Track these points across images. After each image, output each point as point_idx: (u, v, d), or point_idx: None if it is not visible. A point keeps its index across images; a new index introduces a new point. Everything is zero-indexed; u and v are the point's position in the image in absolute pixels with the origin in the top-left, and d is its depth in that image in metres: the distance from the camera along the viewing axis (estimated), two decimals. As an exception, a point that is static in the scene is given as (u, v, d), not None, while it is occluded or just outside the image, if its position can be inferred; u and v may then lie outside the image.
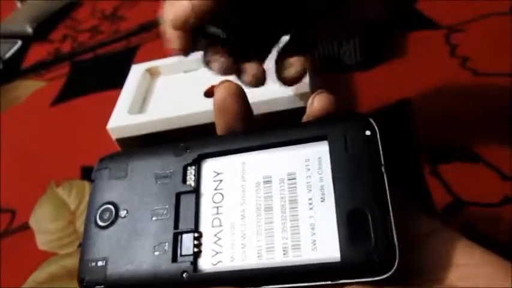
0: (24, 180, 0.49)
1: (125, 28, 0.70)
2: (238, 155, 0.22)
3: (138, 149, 0.24)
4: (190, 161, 0.22)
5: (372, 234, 0.18)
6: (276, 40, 0.28)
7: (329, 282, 0.18)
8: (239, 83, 0.23)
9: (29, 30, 0.76)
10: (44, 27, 0.77)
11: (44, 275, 0.38)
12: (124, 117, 0.39)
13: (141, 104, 0.42)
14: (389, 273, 0.17)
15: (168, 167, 0.22)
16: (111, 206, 0.22)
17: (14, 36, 0.77)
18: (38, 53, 0.73)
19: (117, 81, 0.47)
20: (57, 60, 0.69)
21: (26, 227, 0.43)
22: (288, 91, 0.36)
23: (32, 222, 0.43)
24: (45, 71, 0.67)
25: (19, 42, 0.76)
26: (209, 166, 0.22)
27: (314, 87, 0.36)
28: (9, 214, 0.45)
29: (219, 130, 0.23)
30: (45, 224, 0.42)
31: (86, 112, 0.56)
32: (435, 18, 0.50)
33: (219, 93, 0.22)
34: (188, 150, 0.22)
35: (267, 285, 0.19)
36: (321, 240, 0.19)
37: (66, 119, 0.56)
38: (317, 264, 0.18)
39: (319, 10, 0.26)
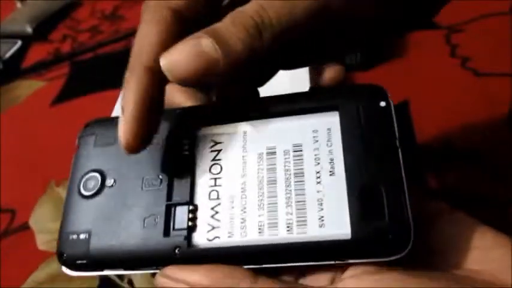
0: (24, 180, 0.49)
1: (125, 28, 0.70)
2: (240, 123, 0.20)
3: None
4: (186, 128, 0.20)
5: (386, 211, 0.16)
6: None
7: (338, 262, 0.17)
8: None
9: (29, 30, 0.76)
10: (44, 27, 0.77)
11: (44, 275, 0.38)
12: (124, 117, 0.39)
13: (141, 104, 0.42)
14: (404, 253, 0.16)
15: (162, 134, 0.20)
16: (97, 174, 0.20)
17: (14, 36, 0.77)
18: (38, 53, 0.73)
19: (117, 81, 0.47)
20: (57, 60, 0.69)
21: (26, 227, 0.43)
22: (288, 91, 0.36)
23: (32, 222, 0.43)
24: (45, 71, 0.67)
25: (19, 42, 0.76)
26: (207, 134, 0.20)
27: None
28: (9, 214, 0.45)
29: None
30: (45, 224, 0.42)
31: (86, 112, 0.56)
32: (435, 18, 0.49)
33: None
34: (184, 117, 0.20)
35: (269, 263, 0.17)
36: (329, 216, 0.17)
37: (66, 119, 0.56)
38: (325, 241, 0.17)
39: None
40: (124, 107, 0.19)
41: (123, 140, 0.18)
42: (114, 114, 0.40)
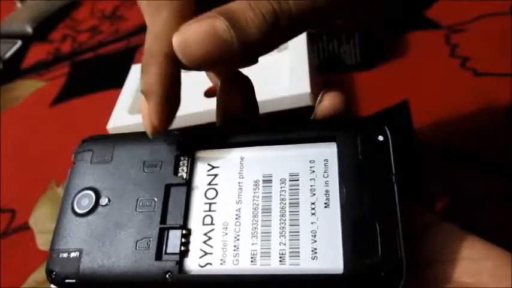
0: (24, 180, 0.49)
1: (125, 28, 0.70)
2: (238, 149, 0.20)
3: (127, 133, 0.22)
4: (183, 150, 0.20)
5: (379, 247, 0.16)
6: None
7: None
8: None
9: (29, 30, 0.76)
10: (44, 27, 0.77)
11: (44, 274, 0.38)
12: (124, 117, 0.39)
13: (141, 104, 0.42)
14: None
15: (159, 156, 0.20)
16: (91, 192, 0.20)
17: (14, 36, 0.77)
18: (38, 53, 0.73)
19: (117, 81, 0.47)
20: (57, 60, 0.69)
21: (26, 227, 0.43)
22: (288, 91, 0.36)
23: (32, 222, 0.43)
24: (45, 71, 0.67)
25: (19, 42, 0.76)
26: (204, 158, 0.20)
27: (314, 88, 0.36)
28: (9, 214, 0.45)
29: (219, 124, 0.21)
30: (45, 224, 0.42)
31: (86, 112, 0.56)
32: (435, 18, 0.50)
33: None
34: (182, 139, 0.20)
35: None
36: (322, 249, 0.17)
37: (66, 119, 0.56)
38: (317, 274, 0.17)
39: None
40: (148, 93, 0.19)
41: (149, 123, 0.19)
42: (114, 114, 0.40)
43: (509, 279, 0.16)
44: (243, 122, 0.21)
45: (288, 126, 0.20)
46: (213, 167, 0.20)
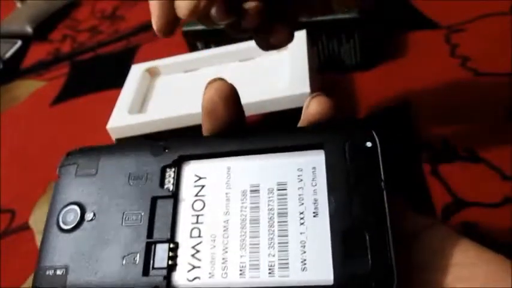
0: (24, 180, 0.49)
1: (125, 28, 0.70)
2: (224, 159, 0.20)
3: (112, 145, 0.22)
4: (169, 162, 0.20)
5: (369, 257, 0.16)
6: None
7: None
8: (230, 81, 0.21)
9: (29, 30, 0.76)
10: (44, 27, 0.77)
11: (44, 275, 0.38)
12: (124, 117, 0.39)
13: (141, 104, 0.42)
14: None
15: (144, 168, 0.20)
16: (76, 207, 0.20)
17: (14, 36, 0.77)
18: (38, 53, 0.73)
19: (117, 81, 0.47)
20: (57, 60, 0.69)
21: (26, 227, 0.43)
22: (288, 91, 0.36)
23: (32, 222, 0.43)
24: (45, 71, 0.67)
25: (19, 42, 0.76)
26: (191, 169, 0.20)
27: (314, 88, 0.36)
28: (9, 214, 0.45)
29: (205, 133, 0.21)
30: (45, 224, 0.42)
31: (86, 112, 0.56)
32: (435, 18, 0.50)
33: (208, 93, 0.19)
34: (167, 150, 0.20)
35: None
36: (312, 260, 0.17)
37: (66, 119, 0.56)
38: (307, 286, 0.16)
39: None
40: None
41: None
42: (114, 114, 0.40)
43: (502, 284, 0.16)
44: (230, 131, 0.20)
45: (275, 135, 0.20)
46: (200, 178, 0.20)
